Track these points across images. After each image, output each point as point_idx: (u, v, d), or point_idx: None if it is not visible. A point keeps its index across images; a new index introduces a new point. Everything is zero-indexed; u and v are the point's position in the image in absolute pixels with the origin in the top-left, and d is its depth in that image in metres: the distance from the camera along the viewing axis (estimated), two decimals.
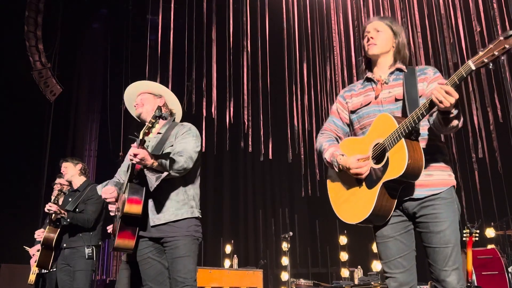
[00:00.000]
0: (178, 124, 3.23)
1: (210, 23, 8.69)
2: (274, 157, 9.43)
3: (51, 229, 4.53)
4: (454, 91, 1.99)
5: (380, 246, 2.39)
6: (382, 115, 2.33)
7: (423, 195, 2.27)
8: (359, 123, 2.51)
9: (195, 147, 3.06)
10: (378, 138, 2.29)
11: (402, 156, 2.14)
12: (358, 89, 2.60)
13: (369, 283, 6.74)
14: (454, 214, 2.27)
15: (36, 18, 9.09)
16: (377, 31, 2.51)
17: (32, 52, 9.19)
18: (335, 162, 2.43)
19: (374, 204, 2.24)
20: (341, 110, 2.64)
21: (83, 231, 4.55)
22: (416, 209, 2.29)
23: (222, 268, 8.07)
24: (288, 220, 10.27)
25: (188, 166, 2.95)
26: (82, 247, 4.54)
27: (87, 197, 4.70)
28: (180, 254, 2.92)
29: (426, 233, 2.26)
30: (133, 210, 2.86)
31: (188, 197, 3.06)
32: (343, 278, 8.11)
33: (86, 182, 4.88)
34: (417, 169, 2.16)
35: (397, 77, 2.46)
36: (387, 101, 2.42)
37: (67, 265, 4.57)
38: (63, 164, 4.92)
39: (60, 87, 9.68)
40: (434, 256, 2.23)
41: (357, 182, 2.37)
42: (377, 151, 2.29)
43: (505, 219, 6.43)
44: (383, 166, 2.24)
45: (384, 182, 2.22)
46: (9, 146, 9.06)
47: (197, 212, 3.07)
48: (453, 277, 2.18)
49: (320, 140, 2.62)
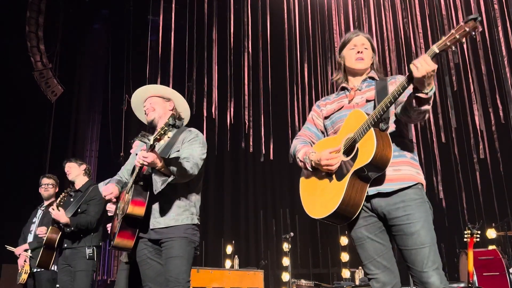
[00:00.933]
0: (186, 130, 3.24)
1: (211, 23, 8.70)
2: (275, 157, 9.43)
3: (54, 229, 4.54)
4: (431, 60, 2.05)
5: (358, 248, 2.42)
6: (353, 111, 2.40)
7: (391, 189, 2.29)
8: (333, 128, 2.57)
9: (201, 154, 3.08)
10: (350, 132, 2.33)
11: (371, 143, 2.19)
12: (332, 98, 2.70)
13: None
14: (427, 214, 2.28)
15: (38, 19, 9.10)
16: (364, 48, 2.60)
17: (33, 53, 9.20)
18: (307, 159, 2.47)
19: (343, 194, 2.24)
20: (315, 117, 2.72)
21: (85, 231, 4.56)
22: (385, 210, 2.30)
23: (223, 268, 8.06)
24: (289, 221, 10.25)
25: (194, 172, 2.97)
26: (83, 248, 4.55)
27: (90, 198, 4.71)
28: (174, 254, 2.93)
29: (400, 236, 2.26)
30: (136, 212, 2.90)
31: (190, 203, 3.08)
32: (344, 279, 8.09)
33: (89, 183, 4.89)
34: (385, 157, 2.20)
35: (369, 84, 2.55)
36: (360, 105, 2.49)
37: (67, 265, 4.57)
38: (67, 165, 4.93)
39: (61, 87, 9.69)
40: (411, 258, 2.22)
41: (328, 177, 2.39)
42: (348, 144, 2.32)
43: (506, 220, 6.41)
44: (353, 157, 2.26)
45: (354, 171, 2.24)
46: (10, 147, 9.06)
47: (196, 219, 3.09)
48: (435, 278, 2.17)
49: (295, 143, 2.68)
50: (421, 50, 7.78)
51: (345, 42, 2.65)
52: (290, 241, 7.27)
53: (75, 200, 4.68)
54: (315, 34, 9.05)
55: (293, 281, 7.21)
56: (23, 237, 5.35)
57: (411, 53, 7.96)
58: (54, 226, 4.55)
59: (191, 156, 3.00)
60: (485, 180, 7.75)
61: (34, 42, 9.12)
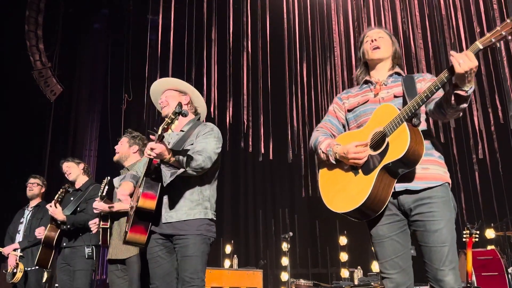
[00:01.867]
0: (202, 123, 3.21)
1: (210, 23, 8.69)
2: (274, 157, 9.43)
3: (52, 227, 4.54)
4: (475, 58, 2.02)
5: (376, 246, 2.37)
6: (383, 105, 2.35)
7: (419, 187, 2.26)
8: (356, 122, 2.52)
9: (215, 148, 3.03)
10: (378, 127, 2.28)
11: (404, 137, 2.13)
12: (355, 91, 2.66)
13: (369, 283, 6.74)
14: (451, 213, 2.27)
15: (37, 18, 9.10)
16: (379, 37, 2.58)
17: (32, 52, 9.20)
18: (331, 152, 2.42)
19: (371, 189, 2.20)
20: (337, 110, 2.67)
21: (84, 230, 4.55)
22: (412, 206, 2.27)
23: (222, 268, 8.07)
24: (288, 221, 10.26)
25: (206, 165, 2.92)
26: (82, 247, 4.55)
27: (89, 197, 4.70)
28: (189, 253, 2.90)
29: (422, 232, 2.25)
30: (147, 205, 2.85)
31: (203, 197, 3.03)
32: (343, 279, 8.10)
33: (89, 182, 4.88)
34: (417, 153, 2.15)
35: (395, 79, 2.52)
36: (386, 99, 2.44)
37: (67, 264, 4.57)
38: (64, 164, 4.90)
39: (60, 86, 9.68)
40: (430, 255, 2.21)
41: (353, 171, 2.34)
42: (376, 138, 2.28)
43: (505, 220, 6.43)
44: (382, 152, 2.22)
45: (383, 166, 2.20)
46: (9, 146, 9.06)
47: (211, 213, 3.04)
48: (451, 277, 2.17)
49: (315, 135, 2.62)
50: (421, 50, 7.78)
51: (362, 39, 2.67)
52: (289, 241, 7.27)
53: (75, 199, 4.67)
54: (314, 34, 9.05)
55: (292, 281, 7.22)
56: (8, 236, 5.33)
57: (410, 53, 7.97)
58: (52, 224, 4.55)
59: (204, 150, 2.95)
60: (484, 180, 7.75)
61: (33, 41, 9.12)
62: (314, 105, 9.17)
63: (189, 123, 3.21)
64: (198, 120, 3.29)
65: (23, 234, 5.20)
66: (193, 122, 3.22)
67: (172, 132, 3.18)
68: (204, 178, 3.05)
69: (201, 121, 3.31)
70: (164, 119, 2.79)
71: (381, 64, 2.58)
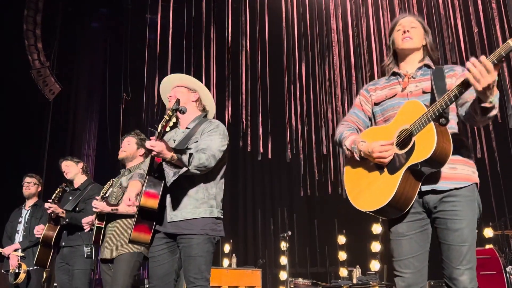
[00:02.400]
0: (207, 121, 3.16)
1: (209, 22, 8.69)
2: (273, 156, 9.43)
3: (50, 226, 4.53)
4: (493, 67, 1.91)
5: (394, 243, 2.32)
6: (410, 101, 2.28)
7: (446, 187, 2.21)
8: (383, 116, 2.46)
9: (220, 146, 3.01)
10: (404, 124, 2.22)
11: (431, 138, 2.06)
12: (382, 83, 2.56)
13: (368, 282, 6.75)
14: (473, 213, 2.23)
15: (35, 17, 9.08)
16: (412, 26, 2.47)
17: (31, 51, 9.19)
18: (355, 149, 2.36)
19: (396, 189, 2.15)
20: (364, 102, 2.59)
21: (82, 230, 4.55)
22: (436, 203, 2.23)
23: (221, 267, 8.07)
24: (287, 220, 10.26)
25: (210, 164, 2.87)
26: (81, 246, 4.54)
27: (88, 196, 4.68)
28: (192, 253, 2.85)
29: (443, 229, 2.21)
30: (149, 204, 2.79)
31: (209, 195, 2.97)
32: (342, 278, 8.11)
33: (87, 181, 4.87)
34: (444, 154, 2.09)
35: (425, 72, 2.42)
36: (414, 94, 2.37)
37: (65, 264, 4.57)
38: (63, 163, 4.89)
39: (59, 86, 9.67)
40: (448, 253, 2.18)
41: (379, 169, 2.29)
42: (402, 137, 2.22)
43: (504, 219, 6.44)
44: (408, 151, 2.16)
45: (409, 166, 2.15)
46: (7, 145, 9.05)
47: (216, 212, 2.98)
48: (466, 277, 2.14)
49: (340, 129, 2.56)
50: None
51: (393, 26, 2.55)
52: (288, 240, 7.28)
53: (73, 198, 4.67)
54: (313, 33, 9.05)
55: (291, 280, 7.23)
56: (6, 236, 5.31)
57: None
58: (50, 224, 4.54)
59: (208, 148, 2.91)
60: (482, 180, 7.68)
61: (32, 41, 9.11)
62: (312, 104, 9.18)
63: (195, 120, 3.17)
64: (204, 117, 3.25)
65: (23, 234, 5.18)
66: (199, 119, 3.18)
67: (178, 130, 3.17)
68: (209, 175, 2.99)
69: (208, 118, 3.27)
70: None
71: (412, 56, 2.48)
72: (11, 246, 5.09)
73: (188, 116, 3.13)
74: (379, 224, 8.06)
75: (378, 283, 6.69)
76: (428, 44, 2.49)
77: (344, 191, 2.53)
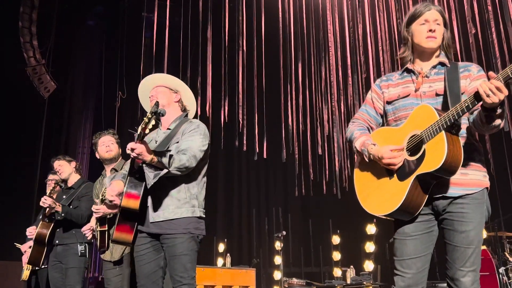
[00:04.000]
0: (188, 121, 3.16)
1: (206, 21, 8.68)
2: (268, 156, 9.44)
3: (44, 224, 4.51)
4: (505, 87, 1.91)
5: (398, 242, 2.31)
6: (423, 106, 2.23)
7: (456, 194, 2.20)
8: (394, 115, 2.41)
9: (201, 146, 2.99)
10: (415, 129, 2.19)
11: (441, 149, 2.05)
12: (396, 79, 2.48)
13: (361, 282, 6.77)
14: (481, 216, 2.22)
15: (31, 14, 9.03)
16: (437, 23, 2.36)
17: (26, 48, 9.13)
18: (365, 152, 2.33)
19: (405, 196, 2.15)
20: (376, 99, 2.53)
21: (76, 227, 4.54)
22: (445, 207, 2.22)
23: (215, 266, 8.07)
24: (281, 219, 10.28)
25: (191, 164, 2.88)
26: (75, 244, 4.52)
27: (82, 194, 4.68)
28: (177, 252, 2.88)
29: (449, 230, 2.20)
30: (131, 205, 2.82)
31: (190, 195, 2.99)
32: (336, 278, 8.13)
33: (81, 180, 4.87)
34: (455, 164, 2.07)
35: (439, 71, 2.35)
36: (427, 95, 2.32)
37: (59, 262, 4.55)
38: (56, 163, 4.86)
39: (54, 83, 9.63)
40: (453, 254, 2.18)
41: (388, 174, 2.27)
42: (413, 142, 2.20)
43: (497, 221, 6.46)
44: (418, 159, 2.14)
45: (418, 175, 2.13)
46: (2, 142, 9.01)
47: (198, 211, 3.00)
48: (468, 278, 2.14)
49: (351, 128, 2.52)
50: None
51: (415, 16, 2.39)
52: (282, 240, 7.29)
53: (67, 197, 4.66)
54: (309, 33, 9.07)
55: (285, 279, 7.23)
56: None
57: None
58: (44, 221, 4.51)
59: (189, 148, 2.91)
60: None
61: (27, 38, 9.06)
62: (308, 104, 9.19)
63: (176, 121, 3.17)
64: (185, 117, 3.24)
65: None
66: (180, 119, 3.18)
67: (160, 130, 3.18)
68: (191, 175, 3.00)
69: (188, 118, 3.26)
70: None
71: (430, 53, 2.38)
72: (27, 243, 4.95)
73: (169, 117, 3.13)
74: (373, 225, 8.09)
75: (372, 283, 6.72)
76: (446, 40, 2.39)
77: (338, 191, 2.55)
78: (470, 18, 7.02)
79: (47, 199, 4.38)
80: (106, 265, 4.02)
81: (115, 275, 3.94)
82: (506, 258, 5.75)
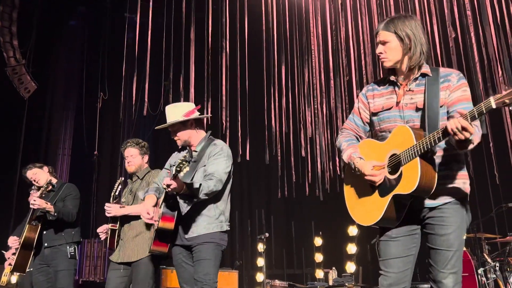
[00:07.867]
0: (212, 143, 3.55)
1: (189, 22, 8.65)
2: (251, 158, 9.44)
3: (31, 227, 4.40)
4: (471, 127, 2.00)
5: (382, 244, 2.43)
6: (401, 128, 2.34)
7: (435, 204, 2.32)
8: (379, 126, 2.51)
9: (226, 168, 3.48)
10: (396, 148, 2.32)
11: (415, 174, 2.18)
12: (381, 89, 2.55)
13: (343, 284, 6.80)
14: (462, 220, 2.33)
15: (11, 14, 8.92)
16: (384, 43, 2.41)
17: (6, 48, 9.02)
18: (352, 165, 2.45)
19: (383, 213, 2.30)
20: (362, 110, 2.62)
21: (66, 227, 4.48)
22: (426, 213, 2.35)
23: None
24: (264, 221, 10.29)
25: (218, 188, 3.34)
26: (63, 246, 4.47)
27: (65, 195, 4.64)
28: (201, 257, 3.29)
29: (431, 235, 2.32)
30: (167, 226, 3.29)
31: (219, 212, 3.46)
32: (318, 279, 8.16)
33: (60, 182, 4.81)
34: (428, 188, 2.21)
35: (420, 82, 2.40)
36: (408, 107, 2.40)
37: (45, 265, 4.49)
38: (29, 173, 4.72)
39: (34, 84, 9.51)
40: (435, 257, 2.29)
41: (371, 187, 2.40)
42: (393, 161, 2.32)
43: (476, 223, 6.54)
44: (397, 179, 2.28)
45: (394, 195, 2.27)
46: None
47: (225, 226, 3.50)
48: (450, 280, 2.24)
49: (340, 140, 2.65)
50: None
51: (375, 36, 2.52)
52: (265, 242, 7.29)
53: (49, 199, 4.58)
54: (292, 36, 9.10)
55: (268, 281, 7.24)
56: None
57: None
58: (31, 225, 4.41)
59: (216, 172, 3.35)
60: None
61: (7, 38, 8.94)
62: (291, 107, 9.22)
63: (201, 143, 3.57)
64: (209, 138, 3.63)
65: None
66: (204, 140, 3.59)
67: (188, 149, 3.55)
68: (218, 194, 3.44)
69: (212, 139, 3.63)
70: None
71: (399, 67, 2.44)
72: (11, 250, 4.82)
73: (195, 138, 3.60)
74: (355, 226, 8.14)
75: (354, 284, 6.76)
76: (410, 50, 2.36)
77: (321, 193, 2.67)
78: (450, 23, 7.12)
79: (36, 200, 4.30)
80: (112, 265, 4.01)
81: (118, 276, 3.94)
82: (485, 259, 5.84)
